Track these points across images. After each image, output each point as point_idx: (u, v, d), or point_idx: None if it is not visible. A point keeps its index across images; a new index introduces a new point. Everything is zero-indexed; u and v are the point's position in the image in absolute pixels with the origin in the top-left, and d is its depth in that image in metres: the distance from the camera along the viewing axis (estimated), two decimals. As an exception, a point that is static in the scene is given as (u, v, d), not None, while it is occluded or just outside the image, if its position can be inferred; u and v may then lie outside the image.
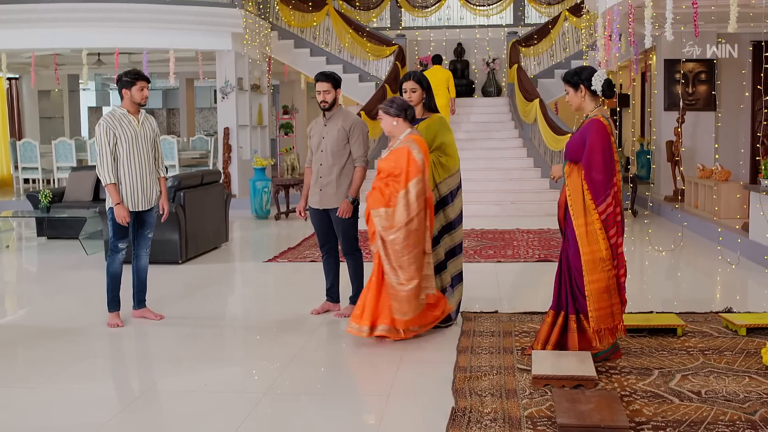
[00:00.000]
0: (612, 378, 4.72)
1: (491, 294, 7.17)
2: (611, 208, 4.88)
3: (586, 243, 4.88)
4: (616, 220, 4.91)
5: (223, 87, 14.63)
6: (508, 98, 16.63)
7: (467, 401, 4.33)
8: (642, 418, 4.06)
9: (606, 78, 4.98)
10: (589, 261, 4.87)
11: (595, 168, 4.87)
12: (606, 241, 4.86)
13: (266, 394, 4.57)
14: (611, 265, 4.88)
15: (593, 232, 4.88)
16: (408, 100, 5.91)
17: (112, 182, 6.03)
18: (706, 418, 4.05)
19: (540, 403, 4.30)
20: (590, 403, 4.09)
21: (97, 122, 6.26)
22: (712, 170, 11.35)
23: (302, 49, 16.60)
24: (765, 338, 5.49)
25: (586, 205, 4.89)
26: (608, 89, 4.99)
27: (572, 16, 16.18)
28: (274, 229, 12.03)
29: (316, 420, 4.22)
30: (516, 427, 3.97)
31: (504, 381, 4.67)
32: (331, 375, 5.03)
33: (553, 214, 12.82)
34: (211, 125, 24.64)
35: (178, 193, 8.89)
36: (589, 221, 4.89)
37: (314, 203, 6.32)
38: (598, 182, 4.86)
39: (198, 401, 4.52)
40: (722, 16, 11.57)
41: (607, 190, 4.86)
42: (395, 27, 18.43)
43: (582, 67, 5.15)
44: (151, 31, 13.54)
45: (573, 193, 4.96)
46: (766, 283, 7.53)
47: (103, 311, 6.34)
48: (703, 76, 13.41)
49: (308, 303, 6.82)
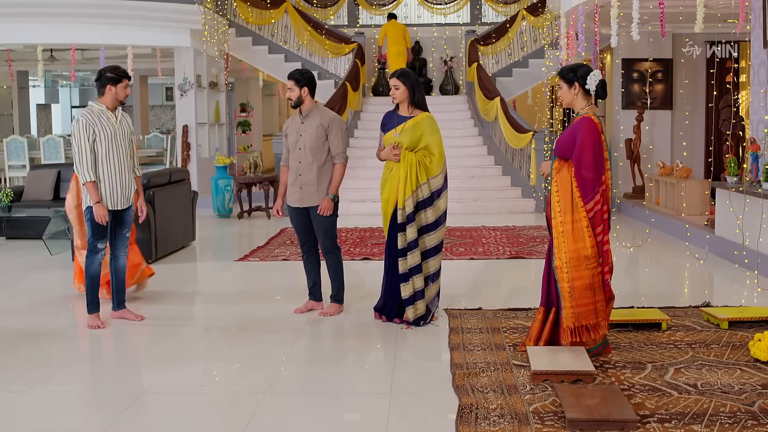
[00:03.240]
0: (608, 372, 4.78)
1: (470, 291, 7.21)
2: (599, 206, 4.90)
3: (572, 240, 4.89)
4: (603, 218, 4.94)
5: (181, 84, 14.43)
6: (467, 96, 16.72)
7: (471, 398, 4.34)
8: (645, 411, 4.11)
9: (601, 79, 5.00)
10: (574, 258, 4.88)
11: (585, 165, 4.89)
12: (592, 239, 4.88)
13: (266, 394, 4.52)
14: (596, 262, 4.89)
15: (579, 230, 4.89)
16: (394, 97, 5.95)
17: (92, 180, 5.88)
18: (707, 410, 4.13)
19: (543, 399, 4.33)
20: (595, 398, 4.14)
21: (47, 118, 6.10)
22: (672, 167, 11.57)
23: (260, 47, 16.46)
24: (746, 331, 5.61)
25: (574, 203, 4.91)
26: (602, 90, 5.01)
27: (530, 15, 16.34)
28: (238, 227, 11.91)
29: (324, 420, 4.18)
30: (524, 422, 3.99)
31: (503, 377, 4.69)
32: (328, 374, 4.99)
33: (515, 211, 13.09)
34: (162, 123, 24.26)
35: (148, 191, 8.74)
36: (576, 218, 4.90)
37: (294, 202, 6.25)
38: (587, 180, 4.88)
39: (197, 402, 4.45)
40: (676, 16, 11.82)
41: (596, 188, 4.89)
42: (352, 25, 18.40)
43: (579, 64, 5.15)
44: (109, 27, 13.26)
45: (561, 190, 4.97)
46: (734, 277, 7.70)
47: (78, 312, 6.20)
48: (660, 76, 13.67)
49: (289, 302, 6.78)
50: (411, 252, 5.78)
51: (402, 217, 5.77)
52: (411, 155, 5.82)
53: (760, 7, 8.15)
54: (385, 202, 5.92)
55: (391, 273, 5.95)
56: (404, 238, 5.78)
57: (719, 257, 8.51)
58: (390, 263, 5.94)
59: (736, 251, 8.00)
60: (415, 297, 5.84)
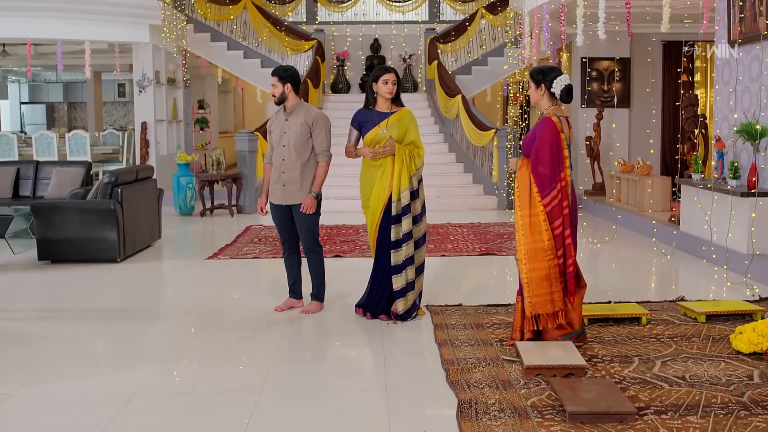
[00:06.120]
0: (597, 366, 4.85)
1: (447, 288, 7.24)
2: (556, 201, 5.09)
3: (529, 233, 5.09)
4: (563, 213, 5.11)
5: (140, 80, 14.21)
6: (427, 94, 16.78)
7: (468, 393, 4.36)
8: (641, 404, 4.19)
9: (567, 84, 5.20)
10: (531, 250, 5.08)
11: (541, 162, 5.09)
12: (549, 233, 5.07)
13: (261, 393, 4.48)
14: (554, 254, 5.09)
15: (537, 224, 5.08)
16: (389, 92, 5.96)
17: None
18: (699, 401, 4.22)
19: (539, 393, 4.37)
20: (592, 391, 4.20)
21: None
22: (633, 165, 11.77)
23: (219, 43, 16.32)
24: (723, 324, 5.75)
25: (532, 198, 5.10)
26: (566, 95, 5.22)
27: (489, 14, 16.48)
28: (201, 225, 11.78)
29: (326, 418, 4.16)
30: (524, 416, 4.03)
31: (495, 372, 4.73)
32: (321, 372, 4.97)
33: (478, 208, 13.19)
34: (115, 120, 23.87)
35: (116, 189, 8.60)
36: (533, 212, 5.10)
37: (276, 199, 6.22)
38: (544, 176, 5.08)
39: (193, 402, 4.39)
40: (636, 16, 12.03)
41: (552, 184, 5.08)
42: (311, 22, 18.34)
43: (550, 67, 5.33)
44: (67, 22, 12.98)
45: (521, 186, 5.17)
46: (701, 272, 7.87)
47: (53, 311, 6.08)
48: (618, 74, 13.89)
49: (268, 300, 6.74)
50: (406, 243, 5.84)
51: (398, 209, 5.82)
52: (404, 148, 5.92)
53: (725, 8, 8.33)
54: (374, 198, 5.92)
55: (381, 268, 5.95)
56: (399, 229, 5.82)
57: (686, 253, 8.69)
58: (382, 258, 5.95)
59: (703, 247, 8.18)
60: (407, 288, 5.89)
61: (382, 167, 5.92)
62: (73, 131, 15.14)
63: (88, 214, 8.48)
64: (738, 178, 7.77)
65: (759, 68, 7.76)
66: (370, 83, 6.08)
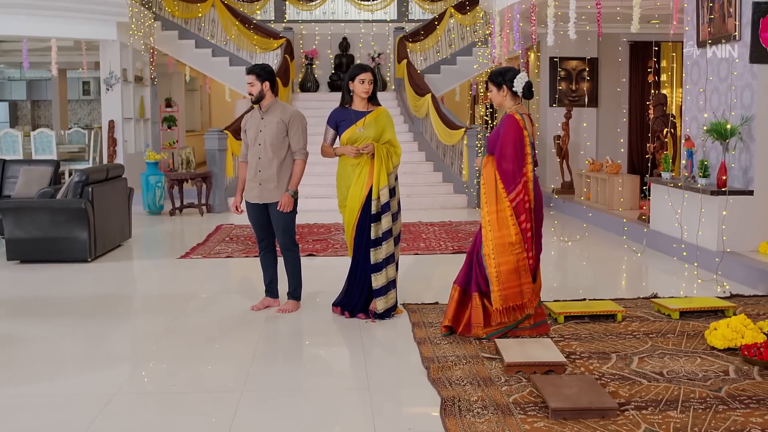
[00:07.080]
0: (576, 363, 4.90)
1: (422, 286, 7.26)
2: (521, 196, 5.25)
3: (497, 228, 5.24)
4: (526, 208, 5.27)
5: (107, 78, 14.05)
6: (396, 93, 16.80)
7: (450, 391, 4.38)
8: (621, 399, 4.23)
9: (527, 81, 5.37)
10: (499, 245, 5.24)
11: (505, 158, 5.26)
12: (516, 227, 5.23)
13: (243, 393, 4.46)
14: (521, 248, 5.25)
15: (504, 219, 5.24)
16: (365, 91, 5.96)
17: None
18: (678, 396, 4.28)
19: (520, 389, 4.40)
20: (573, 387, 4.24)
21: None
22: (602, 164, 11.89)
23: (187, 41, 16.17)
24: (696, 321, 5.83)
25: (498, 193, 5.27)
26: (527, 91, 5.38)
27: (458, 13, 16.54)
28: (170, 225, 11.68)
29: (310, 416, 4.15)
30: (507, 413, 4.06)
31: (476, 370, 4.76)
32: (301, 371, 4.96)
33: (448, 207, 13.24)
34: (79, 118, 23.58)
35: (86, 188, 8.50)
36: (500, 208, 5.26)
37: (253, 198, 6.19)
38: (508, 172, 5.25)
39: (174, 403, 4.35)
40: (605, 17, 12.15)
41: (517, 179, 5.25)
42: (280, 20, 18.26)
43: (507, 68, 5.55)
44: (33, 19, 12.78)
45: (486, 182, 5.33)
46: (672, 269, 7.97)
47: (24, 312, 5.99)
48: (586, 74, 14.02)
49: (243, 299, 6.71)
50: (386, 241, 5.86)
51: (377, 207, 5.83)
52: (382, 147, 5.95)
53: (694, 9, 8.45)
54: (352, 198, 5.92)
55: (360, 266, 5.95)
56: (378, 228, 5.83)
57: (656, 251, 8.80)
58: (360, 256, 5.95)
59: (674, 244, 8.28)
60: (388, 287, 5.89)
61: (359, 166, 5.93)
62: (39, 129, 14.94)
63: (58, 213, 8.36)
64: (707, 177, 7.88)
65: (728, 68, 7.88)
66: (346, 82, 6.08)
